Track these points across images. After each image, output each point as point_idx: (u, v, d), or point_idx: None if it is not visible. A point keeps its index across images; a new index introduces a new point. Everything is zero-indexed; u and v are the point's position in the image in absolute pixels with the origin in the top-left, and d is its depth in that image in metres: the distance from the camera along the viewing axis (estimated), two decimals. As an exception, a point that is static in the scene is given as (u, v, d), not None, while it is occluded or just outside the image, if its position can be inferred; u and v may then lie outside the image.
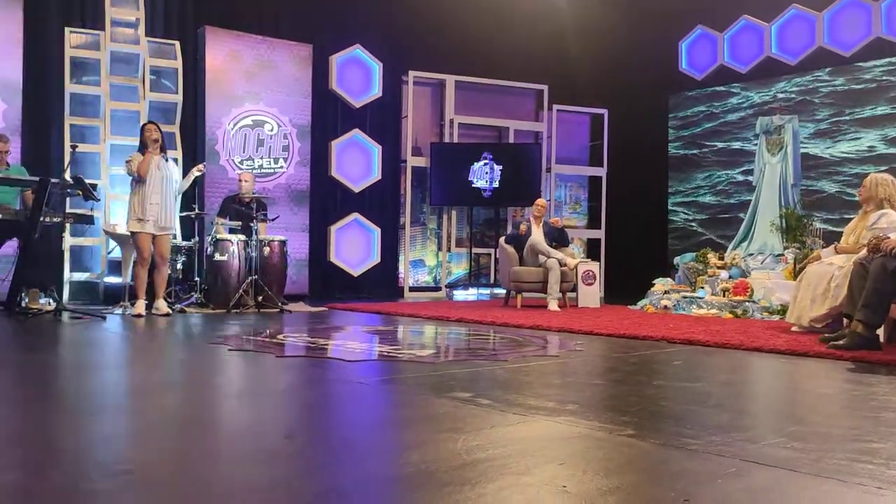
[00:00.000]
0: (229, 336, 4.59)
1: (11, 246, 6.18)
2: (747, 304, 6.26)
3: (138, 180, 5.97)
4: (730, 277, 6.79)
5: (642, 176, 10.17)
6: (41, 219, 5.70)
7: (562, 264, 7.25)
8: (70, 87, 7.13)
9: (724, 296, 6.58)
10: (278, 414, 2.52)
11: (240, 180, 7.27)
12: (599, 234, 10.31)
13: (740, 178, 9.39)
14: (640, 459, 1.87)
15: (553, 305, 7.04)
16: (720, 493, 1.60)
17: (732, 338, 4.57)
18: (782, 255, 6.74)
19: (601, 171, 10.35)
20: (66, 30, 7.18)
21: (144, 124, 6.24)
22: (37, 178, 5.84)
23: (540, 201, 7.92)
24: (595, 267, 7.74)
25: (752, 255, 7.13)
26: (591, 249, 10.41)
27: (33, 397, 2.72)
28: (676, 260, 7.81)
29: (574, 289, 7.54)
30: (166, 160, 6.09)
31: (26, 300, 6.08)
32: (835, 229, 7.55)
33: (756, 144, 7.98)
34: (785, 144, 7.41)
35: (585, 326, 5.31)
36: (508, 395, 2.75)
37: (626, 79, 10.16)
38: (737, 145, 9.48)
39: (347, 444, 2.06)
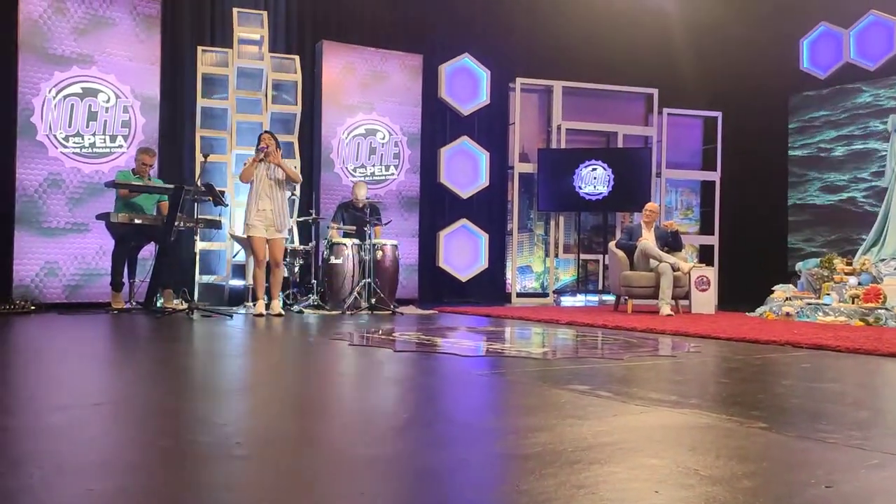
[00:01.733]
0: (348, 332, 4.75)
1: (149, 250, 6.62)
2: (880, 311, 5.89)
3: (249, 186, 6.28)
4: (859, 284, 6.41)
5: (759, 180, 9.78)
6: (175, 224, 6.09)
7: (675, 269, 7.07)
8: (202, 102, 7.58)
9: (853, 303, 6.22)
10: (399, 398, 2.59)
11: (354, 188, 7.50)
12: (713, 240, 9.98)
13: (868, 180, 8.86)
14: (776, 448, 1.82)
15: (665, 311, 6.87)
16: (864, 481, 1.54)
17: (865, 343, 4.32)
18: (918, 259, 6.31)
19: (714, 176, 10.02)
20: (199, 49, 7.65)
21: (260, 134, 6.52)
22: (172, 186, 6.24)
23: (650, 205, 7.76)
24: (710, 272, 7.49)
25: (884, 260, 6.71)
26: (704, 256, 10.08)
27: (181, 380, 2.92)
28: (799, 266, 7.44)
29: (687, 295, 7.33)
30: (278, 165, 6.29)
31: (162, 300, 6.51)
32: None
33: (889, 143, 7.50)
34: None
35: (703, 330, 5.15)
36: (627, 388, 2.72)
37: (741, 80, 9.81)
38: (862, 146, 8.96)
39: (471, 426, 2.11)
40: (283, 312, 6.28)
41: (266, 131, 6.62)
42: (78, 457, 1.67)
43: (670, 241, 7.46)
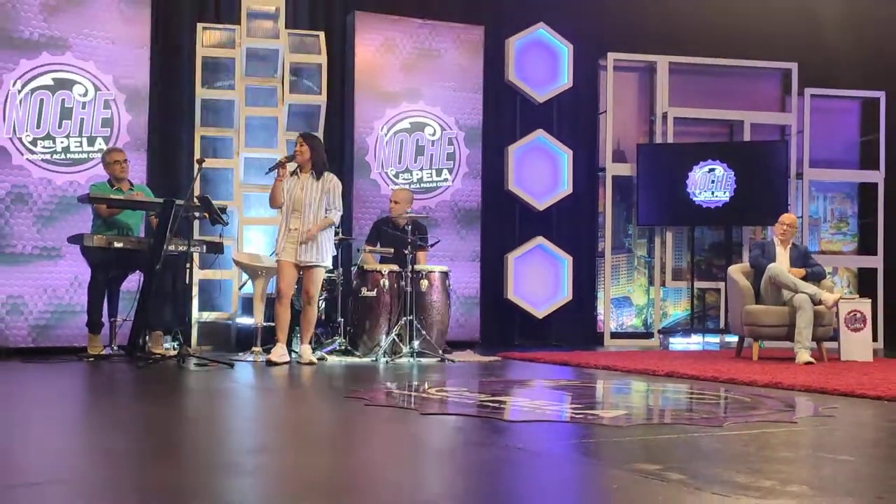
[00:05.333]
0: (369, 389, 4.75)
1: (134, 280, 6.81)
2: None
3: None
4: None
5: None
6: (165, 247, 6.25)
7: (815, 301, 6.85)
8: (202, 93, 7.80)
9: None
10: (411, 480, 2.57)
11: (391, 200, 7.55)
12: (876, 261, 9.66)
13: None
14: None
15: (803, 357, 6.65)
16: None
17: None
18: None
19: (877, 176, 9.71)
20: (199, 26, 7.88)
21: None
22: (161, 200, 6.42)
23: (787, 217, 7.56)
24: (866, 306, 7.22)
25: None
26: (865, 283, 9.77)
27: (152, 453, 2.98)
28: None
29: (834, 336, 7.09)
30: (317, 178, 6.37)
31: (150, 343, 6.67)
32: None
33: None
34: None
35: (846, 385, 4.97)
36: (712, 469, 2.64)
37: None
38: None
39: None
40: (314, 360, 6.35)
41: (303, 134, 6.63)
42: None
43: (811, 264, 7.25)
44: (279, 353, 6.27)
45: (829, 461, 2.89)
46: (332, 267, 6.73)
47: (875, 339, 8.50)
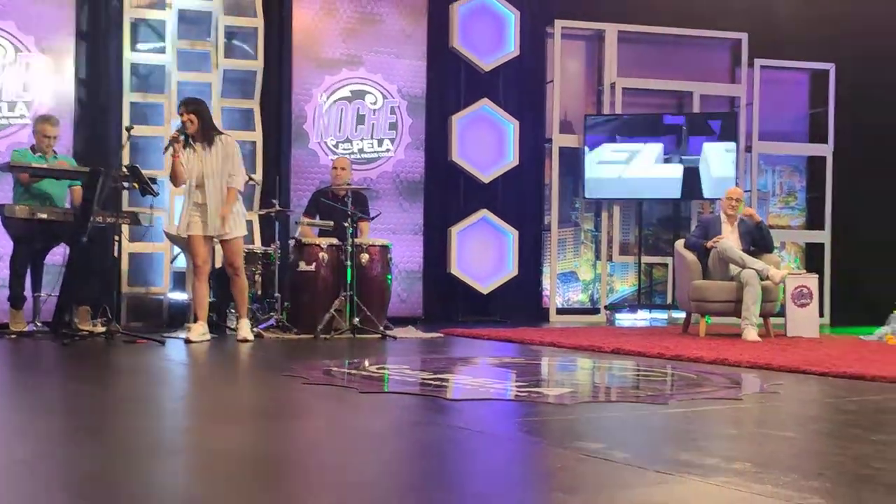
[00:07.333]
0: (307, 367, 4.74)
1: (60, 253, 6.68)
2: None
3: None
4: None
5: (887, 155, 9.61)
6: (92, 219, 6.13)
7: (763, 277, 6.97)
8: (130, 56, 7.64)
9: None
10: (348, 462, 2.57)
11: (333, 168, 7.51)
12: (823, 236, 9.85)
13: None
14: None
15: (750, 334, 6.77)
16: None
17: None
18: None
19: (826, 150, 9.89)
20: (127, -16, 7.72)
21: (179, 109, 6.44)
22: (87, 169, 6.29)
23: (733, 190, 7.67)
24: (812, 282, 7.38)
25: None
26: (813, 258, 9.97)
27: (79, 434, 2.94)
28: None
29: (781, 312, 7.24)
30: (210, 145, 6.20)
31: (76, 320, 6.56)
32: None
33: None
34: None
35: (791, 362, 5.09)
36: (655, 447, 2.70)
37: (862, 22, 9.66)
38: None
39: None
40: (250, 338, 6.28)
41: (184, 101, 6.47)
42: None
43: (757, 240, 7.36)
44: (199, 331, 6.17)
45: (772, 438, 2.96)
46: (248, 235, 6.64)
47: (822, 314, 8.73)
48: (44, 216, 6.32)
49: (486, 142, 9.20)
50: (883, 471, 2.42)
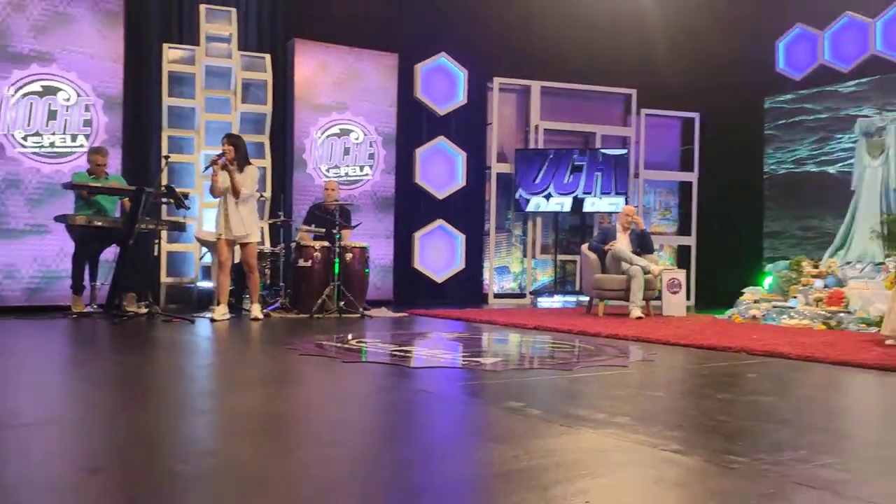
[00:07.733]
0: (302, 341, 4.73)
1: (112, 252, 6.58)
2: (842, 314, 5.92)
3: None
4: (825, 287, 6.44)
5: (736, 180, 9.79)
6: (137, 226, 6.05)
7: (645, 272, 7.08)
8: (167, 101, 7.54)
9: (817, 306, 6.25)
10: (336, 417, 2.58)
11: (325, 188, 7.49)
12: (690, 240, 10.01)
13: (841, 181, 8.89)
14: (677, 476, 1.82)
15: (636, 314, 6.88)
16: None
17: (818, 350, 4.34)
18: (883, 263, 6.33)
19: (692, 177, 10.05)
20: (164, 46, 7.59)
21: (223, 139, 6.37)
22: (133, 188, 6.21)
23: (626, 209, 7.77)
24: (681, 275, 7.51)
25: (849, 263, 6.74)
26: (682, 257, 10.12)
27: (125, 397, 2.91)
28: (769, 268, 7.48)
29: (659, 297, 7.35)
30: (241, 170, 6.17)
31: (124, 303, 6.47)
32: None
33: (855, 148, 7.53)
34: (887, 147, 6.96)
35: (664, 336, 5.16)
36: (561, 405, 2.72)
37: (718, 81, 9.80)
38: (837, 147, 8.97)
39: (381, 452, 2.10)
40: (260, 317, 6.28)
41: (227, 134, 6.47)
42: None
43: (641, 244, 7.46)
44: (221, 311, 6.14)
45: (648, 398, 3.01)
46: (261, 240, 6.57)
47: (689, 299, 8.87)
48: (99, 223, 6.22)
49: (441, 169, 9.21)
50: (725, 422, 2.49)
